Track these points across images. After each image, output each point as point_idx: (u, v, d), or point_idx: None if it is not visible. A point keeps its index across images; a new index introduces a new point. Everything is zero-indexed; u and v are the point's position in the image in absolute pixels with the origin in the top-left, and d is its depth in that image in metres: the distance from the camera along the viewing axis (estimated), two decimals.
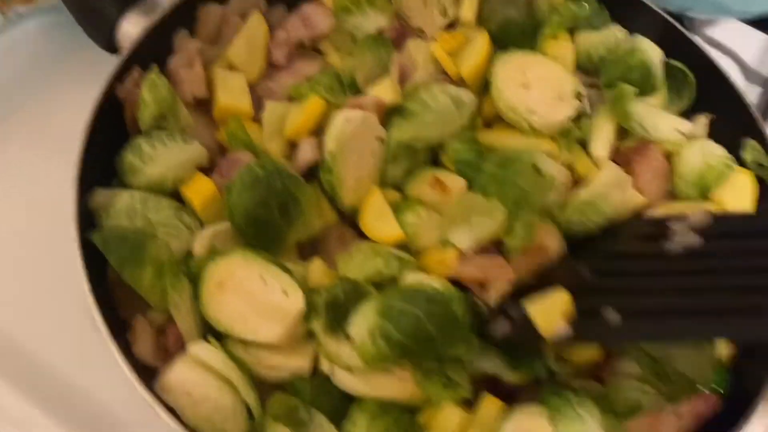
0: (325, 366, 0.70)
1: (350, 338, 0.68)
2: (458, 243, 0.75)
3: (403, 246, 0.77)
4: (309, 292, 0.70)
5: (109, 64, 0.82)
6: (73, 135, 0.80)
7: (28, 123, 0.98)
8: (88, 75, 0.96)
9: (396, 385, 0.69)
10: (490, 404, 0.71)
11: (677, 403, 0.69)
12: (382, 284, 0.73)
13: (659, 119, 0.87)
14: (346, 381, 0.69)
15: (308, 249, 0.80)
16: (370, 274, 0.73)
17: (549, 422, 0.67)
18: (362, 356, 0.67)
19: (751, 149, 0.85)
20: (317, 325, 0.69)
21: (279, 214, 0.73)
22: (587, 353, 0.73)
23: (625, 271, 0.72)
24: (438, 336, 0.67)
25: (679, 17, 1.11)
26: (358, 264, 0.74)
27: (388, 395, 0.69)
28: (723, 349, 0.74)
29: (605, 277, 0.71)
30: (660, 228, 0.74)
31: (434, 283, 0.71)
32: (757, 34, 1.15)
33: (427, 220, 0.78)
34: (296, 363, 0.70)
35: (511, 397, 0.73)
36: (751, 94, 1.14)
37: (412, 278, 0.72)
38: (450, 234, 0.76)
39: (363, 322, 0.68)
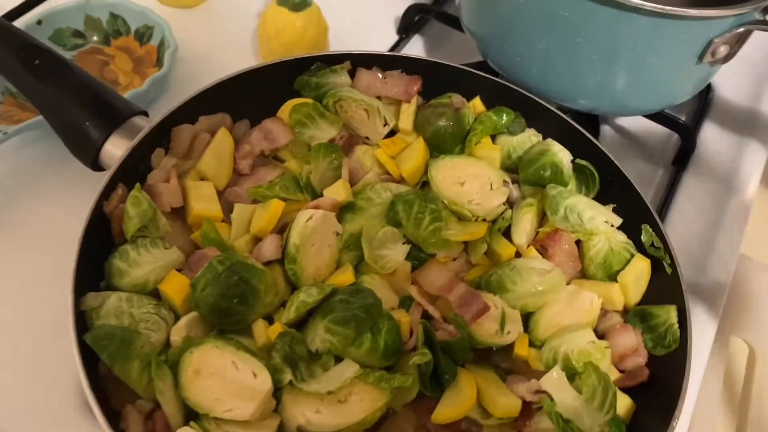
0: (301, 420, 0.76)
1: (317, 351, 0.79)
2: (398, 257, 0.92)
3: None
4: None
5: (90, 178, 0.92)
6: (60, 239, 0.90)
7: (17, 229, 1.06)
8: (71, 188, 1.08)
9: (359, 407, 0.78)
10: None
11: None
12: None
13: (595, 211, 0.97)
14: (323, 420, 0.77)
15: None
16: (300, 309, 0.83)
17: None
18: (335, 351, 0.79)
19: (645, 232, 0.96)
20: (287, 377, 0.77)
21: (238, 303, 0.82)
22: (507, 408, 0.82)
23: None
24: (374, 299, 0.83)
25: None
26: (286, 311, 0.84)
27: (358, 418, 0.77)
28: (622, 409, 0.83)
29: None
30: None
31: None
32: (656, 126, 1.32)
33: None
34: None
35: None
36: (656, 174, 1.30)
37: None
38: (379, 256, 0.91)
39: (315, 333, 0.80)
